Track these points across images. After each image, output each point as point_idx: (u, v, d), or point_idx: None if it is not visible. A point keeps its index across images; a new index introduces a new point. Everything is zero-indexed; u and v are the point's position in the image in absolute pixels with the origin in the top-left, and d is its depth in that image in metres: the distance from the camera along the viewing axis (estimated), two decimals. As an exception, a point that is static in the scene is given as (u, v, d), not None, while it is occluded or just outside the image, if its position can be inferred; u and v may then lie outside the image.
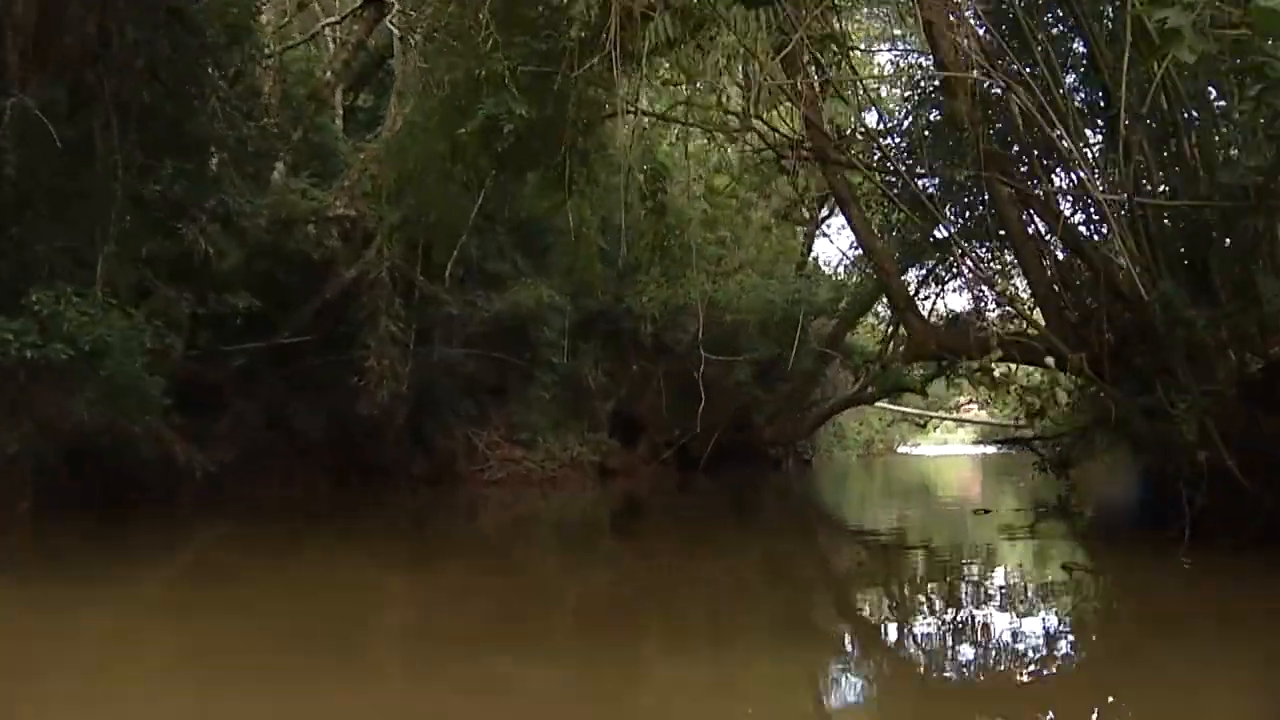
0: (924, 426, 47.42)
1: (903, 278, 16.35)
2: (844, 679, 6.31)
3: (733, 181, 23.72)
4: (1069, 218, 11.39)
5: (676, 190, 24.69)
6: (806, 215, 26.58)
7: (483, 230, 19.90)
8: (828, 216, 27.32)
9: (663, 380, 24.97)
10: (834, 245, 37.35)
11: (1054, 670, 6.35)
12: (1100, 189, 9.32)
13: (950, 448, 52.70)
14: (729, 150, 21.97)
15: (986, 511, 15.31)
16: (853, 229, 13.75)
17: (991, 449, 46.91)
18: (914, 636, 7.25)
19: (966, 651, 6.77)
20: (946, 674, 6.29)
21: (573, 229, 22.73)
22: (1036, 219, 11.83)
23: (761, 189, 23.85)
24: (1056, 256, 12.07)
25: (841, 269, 26.61)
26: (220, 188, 13.38)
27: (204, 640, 6.78)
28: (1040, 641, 7.06)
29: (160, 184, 12.82)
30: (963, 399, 48.02)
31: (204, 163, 13.41)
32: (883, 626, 7.85)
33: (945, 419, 44.59)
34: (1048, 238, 11.81)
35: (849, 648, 7.24)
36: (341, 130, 19.23)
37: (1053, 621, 7.82)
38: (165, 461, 13.75)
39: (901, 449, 49.17)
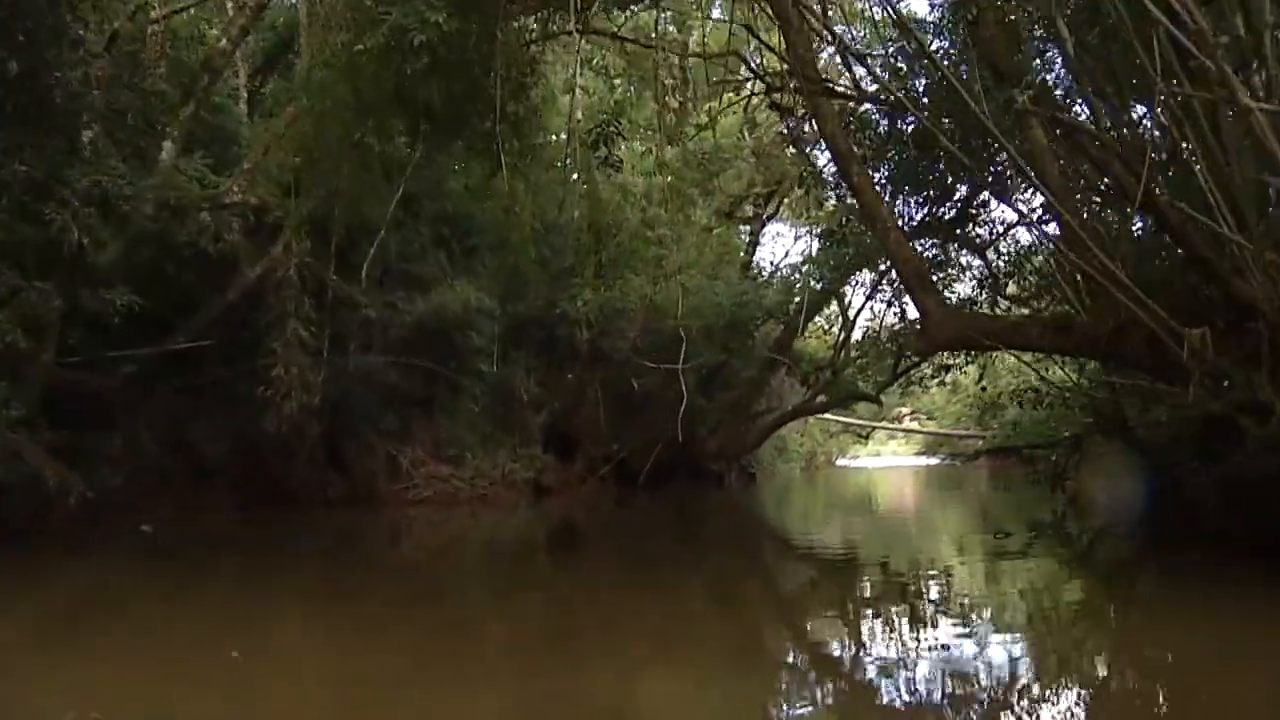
0: (866, 438, 46.59)
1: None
2: (797, 708, 5.87)
3: (674, 177, 22.38)
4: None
5: (613, 188, 23.49)
6: (751, 213, 25.27)
7: (403, 225, 18.26)
8: (774, 214, 26.03)
9: (600, 390, 23.54)
10: (780, 244, 35.55)
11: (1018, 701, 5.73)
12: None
13: (891, 460, 51.93)
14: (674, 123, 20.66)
15: (1007, 534, 13.57)
16: (853, 189, 11.34)
17: (934, 460, 46.46)
18: (870, 662, 6.80)
19: (924, 677, 6.24)
20: (903, 700, 5.82)
21: (503, 223, 21.36)
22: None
23: (704, 185, 22.52)
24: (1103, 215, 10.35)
25: (787, 269, 25.17)
26: (95, 166, 11.53)
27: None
28: (1004, 670, 6.48)
29: (23, 161, 10.98)
30: (906, 409, 47.52)
31: (75, 136, 11.55)
32: (837, 651, 7.32)
33: (892, 429, 43.70)
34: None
35: (801, 675, 6.78)
36: (246, 116, 17.40)
37: (1018, 649, 7.15)
38: (31, 485, 11.78)
39: (841, 461, 48.21)
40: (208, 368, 16.16)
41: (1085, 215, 9.12)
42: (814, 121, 12.12)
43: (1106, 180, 9.63)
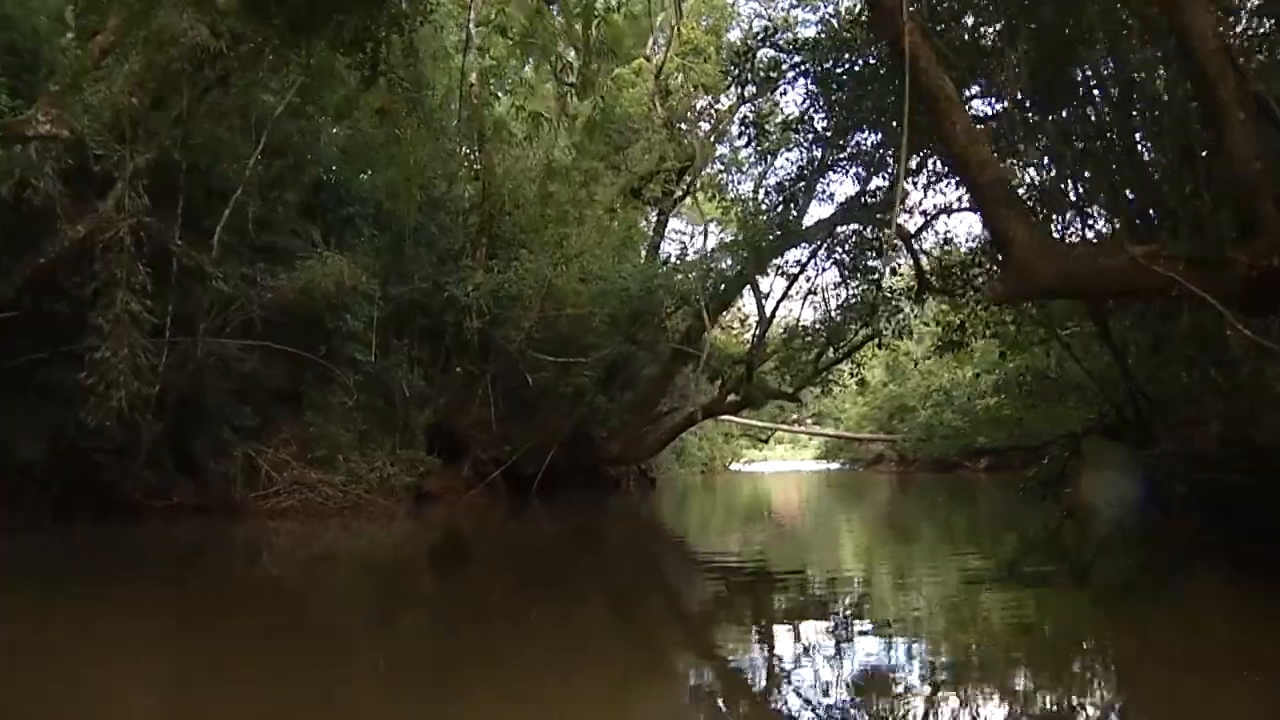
0: (765, 442, 45.15)
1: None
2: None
3: (576, 150, 20.22)
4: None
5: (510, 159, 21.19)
6: (661, 193, 23.18)
7: (268, 187, 15.63)
8: (684, 195, 23.99)
9: (491, 386, 21.17)
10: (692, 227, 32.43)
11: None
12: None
13: (788, 465, 50.63)
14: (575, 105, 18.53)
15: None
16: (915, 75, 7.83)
17: (834, 466, 45.42)
18: (783, 685, 6.22)
19: (838, 700, 5.82)
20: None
21: (385, 190, 18.90)
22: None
23: (610, 159, 20.38)
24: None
25: (697, 255, 23.01)
26: None
27: None
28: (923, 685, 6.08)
29: None
30: (795, 415, 46.26)
31: None
32: (747, 675, 6.68)
33: (797, 432, 42.31)
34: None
35: (710, 701, 6.21)
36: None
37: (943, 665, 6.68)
38: None
39: (735, 466, 46.63)
40: (17, 346, 13.25)
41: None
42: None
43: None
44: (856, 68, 15.02)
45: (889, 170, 18.97)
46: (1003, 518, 19.11)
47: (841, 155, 17.75)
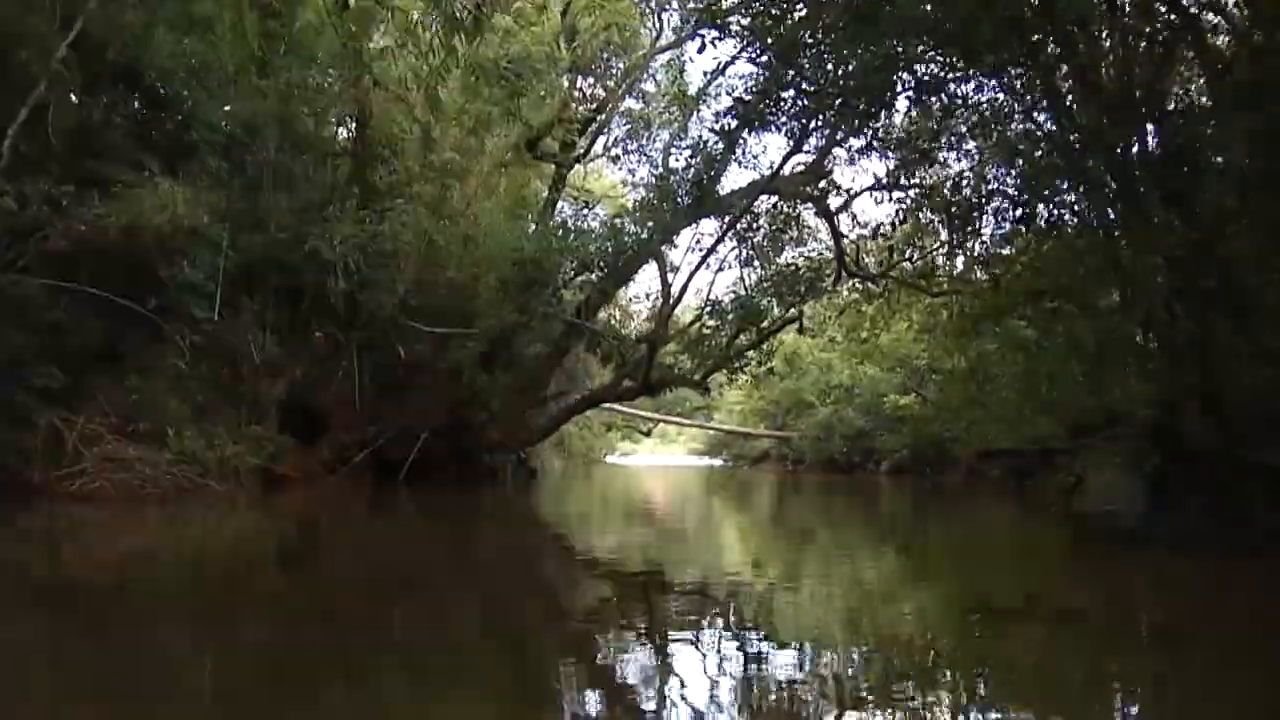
0: (647, 434, 43.17)
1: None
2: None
3: (467, 91, 17.67)
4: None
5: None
6: (557, 147, 20.71)
7: (83, 92, 12.64)
8: (586, 153, 21.61)
9: (357, 357, 18.47)
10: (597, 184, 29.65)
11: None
12: None
13: (670, 459, 48.81)
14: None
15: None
16: None
17: (717, 462, 43.78)
18: (680, 701, 5.25)
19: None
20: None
21: (238, 116, 15.94)
22: None
23: (505, 105, 17.83)
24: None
25: (598, 222, 20.65)
26: None
27: None
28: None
29: None
30: (691, 406, 44.49)
31: None
32: (635, 689, 5.57)
33: (692, 426, 40.41)
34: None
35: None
36: None
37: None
38: None
39: (611, 458, 44.47)
40: None
41: None
42: None
43: None
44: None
45: (821, 131, 17.22)
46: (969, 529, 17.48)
47: (773, 110, 15.86)
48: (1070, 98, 14.91)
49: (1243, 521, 10.31)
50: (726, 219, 18.53)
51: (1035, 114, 17.20)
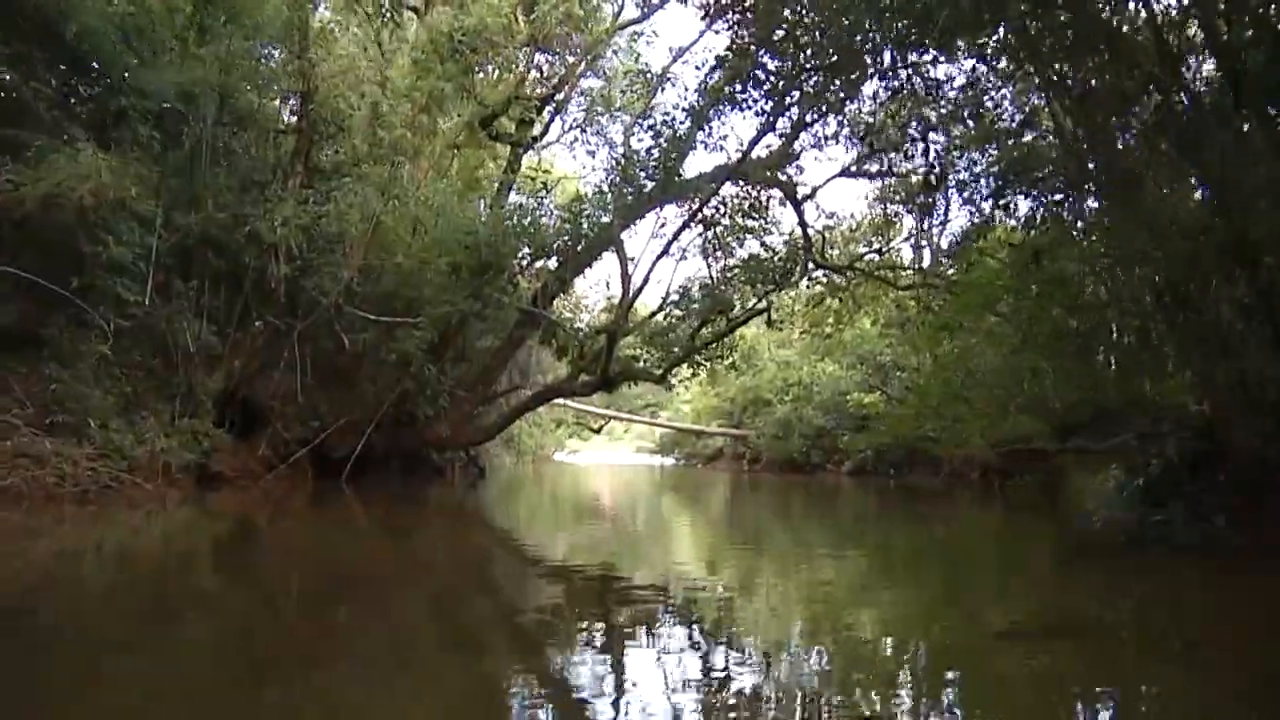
0: (597, 431, 42.23)
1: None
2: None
3: (421, 65, 16.67)
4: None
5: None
6: (513, 127, 19.71)
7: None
8: (543, 134, 20.62)
9: (300, 348, 17.35)
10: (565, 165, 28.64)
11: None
12: None
13: (613, 456, 47.88)
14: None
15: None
16: None
17: (669, 460, 42.89)
18: (635, 704, 5.03)
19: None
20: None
21: (173, 85, 14.74)
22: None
23: (460, 81, 16.82)
24: None
25: (557, 208, 19.60)
26: None
27: None
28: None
29: None
30: (641, 404, 43.66)
31: None
32: (585, 699, 5.20)
33: (648, 424, 39.54)
34: None
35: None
36: None
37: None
38: None
39: (560, 456, 43.44)
40: None
41: None
42: None
43: None
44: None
45: (790, 114, 16.51)
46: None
47: (743, 88, 15.10)
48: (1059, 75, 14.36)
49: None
50: (691, 205, 17.70)
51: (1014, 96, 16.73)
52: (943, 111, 17.54)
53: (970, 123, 17.20)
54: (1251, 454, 9.63)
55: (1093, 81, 13.46)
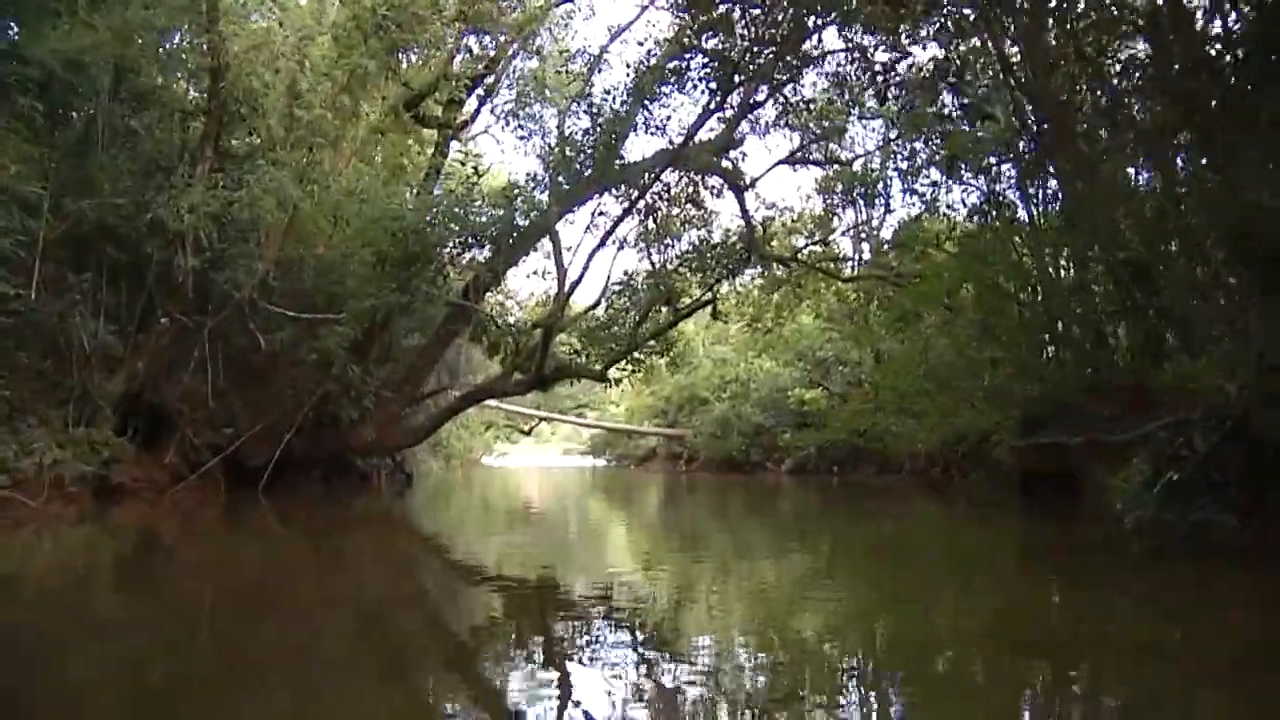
0: (528, 433, 41.12)
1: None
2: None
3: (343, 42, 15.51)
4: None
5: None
6: (440, 110, 18.62)
7: None
8: (474, 119, 19.51)
9: (210, 347, 16.08)
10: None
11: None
12: None
13: (543, 458, 46.83)
14: None
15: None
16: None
17: (601, 462, 42.02)
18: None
19: None
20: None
21: (58, 51, 13.36)
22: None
23: (385, 60, 15.69)
24: None
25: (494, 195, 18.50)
26: None
27: None
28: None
29: None
30: (571, 404, 42.67)
31: None
32: (517, 704, 5.08)
33: (582, 425, 38.54)
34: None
35: None
36: None
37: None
38: None
39: (487, 460, 42.26)
40: None
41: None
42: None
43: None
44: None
45: (733, 101, 15.75)
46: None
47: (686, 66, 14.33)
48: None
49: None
50: (631, 193, 16.83)
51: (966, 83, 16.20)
52: (890, 96, 16.99)
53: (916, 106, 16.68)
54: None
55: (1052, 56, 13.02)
